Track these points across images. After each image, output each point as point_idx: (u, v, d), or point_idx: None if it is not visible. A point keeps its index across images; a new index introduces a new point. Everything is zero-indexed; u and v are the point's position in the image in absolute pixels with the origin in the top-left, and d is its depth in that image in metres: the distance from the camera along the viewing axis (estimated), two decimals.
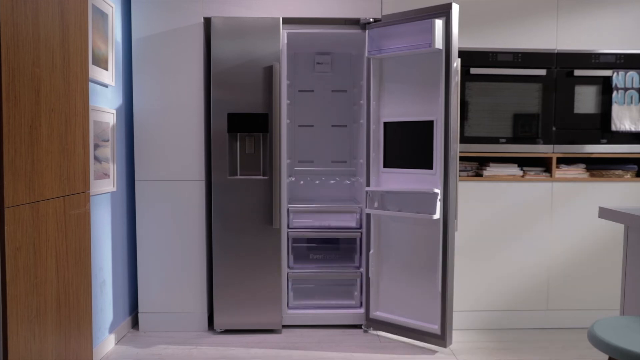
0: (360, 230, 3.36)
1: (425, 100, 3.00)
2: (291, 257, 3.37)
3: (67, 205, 2.09)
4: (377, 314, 3.22)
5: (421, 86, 3.01)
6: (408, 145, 3.07)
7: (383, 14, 3.18)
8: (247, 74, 3.14)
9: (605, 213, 2.12)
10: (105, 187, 2.90)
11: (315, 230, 3.38)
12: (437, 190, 2.89)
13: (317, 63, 3.80)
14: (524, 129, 3.26)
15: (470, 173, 3.31)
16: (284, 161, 3.24)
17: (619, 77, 3.23)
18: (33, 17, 1.82)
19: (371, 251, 3.21)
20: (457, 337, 3.18)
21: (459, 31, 3.17)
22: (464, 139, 3.22)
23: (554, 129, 3.27)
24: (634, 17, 3.26)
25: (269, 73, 3.13)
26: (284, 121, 3.22)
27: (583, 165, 3.33)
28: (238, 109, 3.15)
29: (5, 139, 1.67)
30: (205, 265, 3.27)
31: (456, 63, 2.86)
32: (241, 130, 3.16)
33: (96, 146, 2.78)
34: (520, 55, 3.23)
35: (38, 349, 1.88)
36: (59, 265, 2.03)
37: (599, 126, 3.28)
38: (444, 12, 2.85)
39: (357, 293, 3.36)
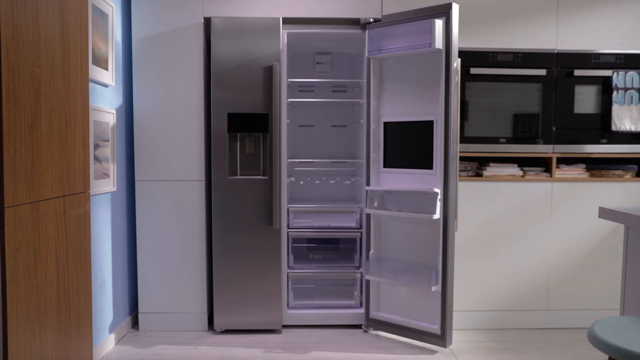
0: (360, 230, 3.36)
1: (425, 100, 3.00)
2: (291, 257, 3.37)
3: (67, 205, 2.09)
4: (377, 314, 3.22)
5: (421, 86, 3.01)
6: (408, 145, 3.07)
7: (383, 14, 3.18)
8: (247, 74, 3.14)
9: (605, 213, 2.12)
10: (105, 187, 2.90)
11: (315, 230, 3.37)
12: (437, 190, 2.89)
13: (317, 63, 3.79)
14: (524, 129, 3.25)
15: (470, 173, 3.31)
16: (284, 161, 3.24)
17: (619, 77, 3.23)
18: (33, 17, 1.82)
19: (371, 251, 3.21)
20: (457, 337, 3.18)
21: (459, 31, 3.17)
22: (464, 139, 3.22)
23: (554, 129, 3.27)
24: (634, 17, 3.27)
25: (269, 73, 3.13)
26: (284, 121, 3.22)
27: (583, 165, 3.33)
28: (238, 109, 3.15)
29: (5, 139, 1.67)
30: (205, 265, 3.27)
31: (456, 63, 2.86)
32: (241, 130, 3.16)
33: (96, 146, 2.78)
34: (520, 55, 3.23)
35: (38, 349, 1.88)
36: (59, 265, 2.03)
37: (599, 126, 3.28)
38: (444, 12, 2.85)
39: (357, 293, 3.36)
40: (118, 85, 3.12)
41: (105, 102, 2.94)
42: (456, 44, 2.85)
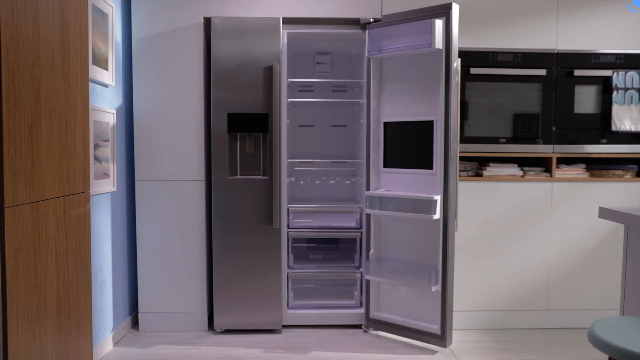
0: (360, 230, 3.36)
1: (425, 100, 3.00)
2: (291, 257, 3.37)
3: (67, 205, 2.09)
4: (377, 314, 3.22)
5: (421, 86, 3.01)
6: (408, 145, 3.07)
7: (383, 14, 3.18)
8: (247, 74, 3.14)
9: (605, 213, 2.12)
10: (105, 187, 2.90)
11: (315, 230, 3.37)
12: (436, 198, 2.88)
13: (317, 63, 3.79)
14: (524, 129, 3.26)
15: (470, 173, 3.31)
16: (284, 161, 3.24)
17: (619, 77, 3.23)
18: (33, 17, 1.82)
19: (371, 251, 3.21)
20: (457, 337, 3.18)
21: (459, 31, 3.16)
22: (464, 139, 3.22)
23: (554, 129, 3.27)
24: (634, 17, 3.26)
25: (269, 73, 3.13)
26: (284, 121, 3.22)
27: (583, 165, 3.33)
28: (238, 109, 3.15)
29: (5, 139, 1.67)
30: (205, 265, 3.27)
31: (456, 63, 2.86)
32: (241, 130, 3.16)
33: (96, 146, 2.78)
34: (520, 55, 3.23)
35: (38, 349, 1.88)
36: (59, 265, 2.03)
37: (599, 126, 3.28)
38: (444, 12, 2.85)
39: (357, 293, 3.36)
40: (118, 85, 3.12)
41: (105, 102, 2.94)
42: (456, 44, 2.85)
